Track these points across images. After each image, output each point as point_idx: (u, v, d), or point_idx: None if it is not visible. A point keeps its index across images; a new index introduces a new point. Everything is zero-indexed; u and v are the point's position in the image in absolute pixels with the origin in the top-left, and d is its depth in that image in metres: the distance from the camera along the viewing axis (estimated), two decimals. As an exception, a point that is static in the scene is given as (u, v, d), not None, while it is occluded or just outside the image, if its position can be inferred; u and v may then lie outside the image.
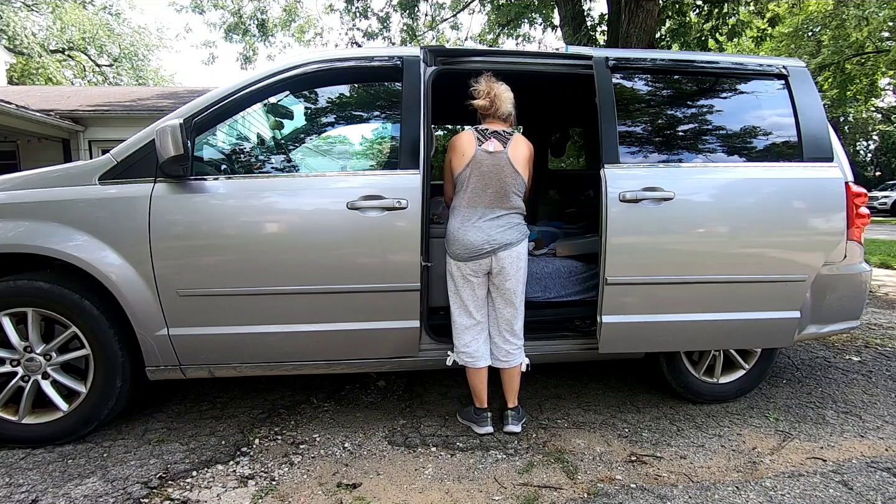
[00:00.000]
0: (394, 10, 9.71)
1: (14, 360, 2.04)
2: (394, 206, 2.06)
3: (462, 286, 2.14)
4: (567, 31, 7.19)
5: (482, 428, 2.22)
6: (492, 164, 2.07)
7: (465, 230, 2.08)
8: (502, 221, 2.10)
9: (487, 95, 2.14)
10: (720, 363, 2.55)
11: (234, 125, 2.44)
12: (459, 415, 2.36)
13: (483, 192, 2.08)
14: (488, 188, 2.08)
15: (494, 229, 2.08)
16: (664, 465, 2.02)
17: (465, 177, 2.09)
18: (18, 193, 2.04)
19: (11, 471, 1.91)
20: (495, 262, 2.09)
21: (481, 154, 2.07)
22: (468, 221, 2.09)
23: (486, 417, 2.23)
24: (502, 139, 2.12)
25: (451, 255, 2.13)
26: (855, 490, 1.86)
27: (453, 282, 2.16)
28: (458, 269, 2.12)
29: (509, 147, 2.11)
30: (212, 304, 2.05)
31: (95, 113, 9.14)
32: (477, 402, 2.25)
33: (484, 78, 2.16)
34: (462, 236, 2.08)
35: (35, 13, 20.21)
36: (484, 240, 2.07)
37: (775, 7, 8.72)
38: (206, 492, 1.80)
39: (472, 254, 2.07)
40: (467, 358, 2.17)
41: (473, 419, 2.26)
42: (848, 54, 15.58)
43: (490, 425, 2.22)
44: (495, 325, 2.19)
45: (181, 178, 2.00)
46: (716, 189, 2.25)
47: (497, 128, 2.15)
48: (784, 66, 2.43)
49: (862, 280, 2.47)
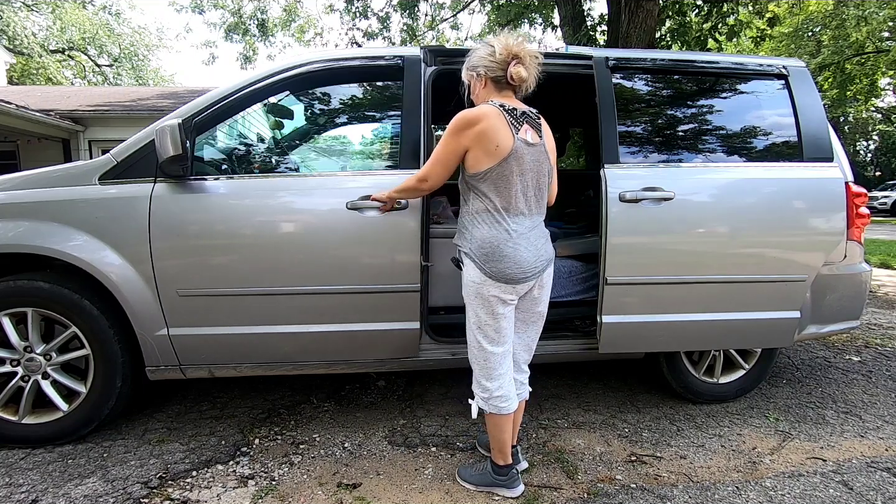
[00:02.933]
0: (394, 10, 9.72)
1: (14, 360, 2.04)
2: (393, 205, 2.06)
3: (501, 312, 1.67)
4: (567, 31, 7.19)
5: (516, 489, 1.78)
6: (532, 159, 1.65)
7: (517, 244, 1.63)
8: (541, 231, 1.74)
9: (518, 59, 1.64)
10: (720, 363, 2.55)
11: (234, 125, 2.45)
12: (471, 481, 1.83)
13: (523, 195, 1.65)
14: (528, 190, 1.66)
15: (541, 241, 1.71)
16: (664, 465, 2.02)
17: (500, 174, 1.61)
18: (18, 193, 2.04)
19: (11, 471, 1.91)
20: (538, 281, 1.71)
21: (521, 146, 1.62)
22: (516, 232, 1.64)
23: (517, 472, 1.81)
24: (535, 124, 1.69)
25: (493, 275, 1.62)
26: (855, 490, 1.86)
27: (487, 308, 1.66)
28: (501, 293, 1.65)
29: (544, 135, 1.72)
30: (212, 305, 2.05)
31: (95, 113, 9.14)
32: (503, 457, 1.77)
33: (503, 38, 1.66)
34: (513, 252, 1.62)
35: (35, 13, 20.22)
36: (536, 255, 1.67)
37: (775, 7, 8.73)
38: (206, 492, 1.80)
39: (527, 274, 1.65)
40: (503, 403, 1.71)
41: (500, 481, 1.78)
42: (848, 54, 15.58)
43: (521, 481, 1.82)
44: (517, 354, 1.85)
45: (181, 177, 2.01)
46: (716, 189, 2.25)
47: (522, 107, 1.70)
48: (784, 66, 2.43)
49: (862, 280, 2.47)
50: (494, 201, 1.63)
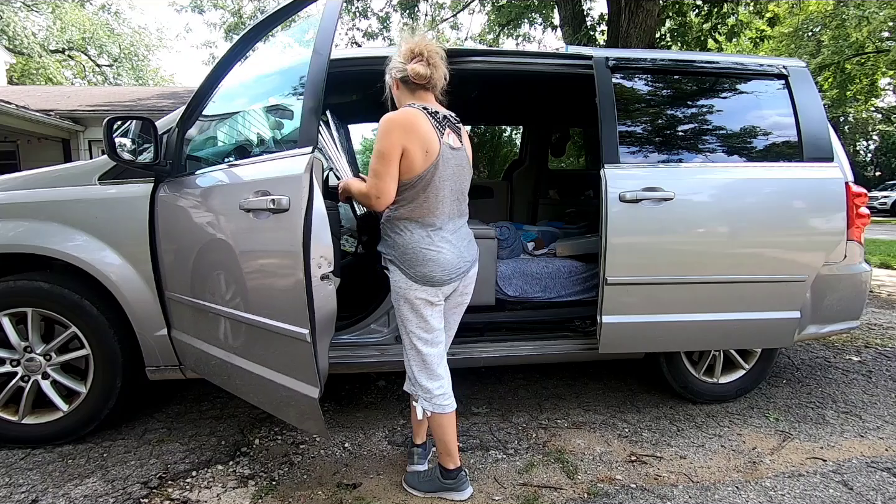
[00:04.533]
0: (394, 10, 9.72)
1: (14, 361, 2.04)
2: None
3: (430, 314, 1.70)
4: (567, 31, 7.20)
5: (464, 492, 1.78)
6: (456, 164, 1.67)
7: (440, 248, 1.65)
8: (464, 233, 1.77)
9: (422, 57, 1.62)
10: (720, 363, 2.55)
11: (234, 125, 2.44)
12: (420, 488, 1.81)
13: (447, 199, 1.66)
14: (453, 194, 1.68)
15: (463, 244, 1.74)
16: (664, 465, 2.02)
17: (428, 180, 1.60)
18: (18, 193, 2.04)
19: (11, 471, 1.91)
20: (461, 284, 1.75)
21: (446, 151, 1.62)
22: (438, 237, 1.66)
23: (465, 475, 1.80)
24: (455, 129, 1.70)
25: (418, 279, 1.65)
26: (855, 490, 1.86)
27: (415, 311, 1.68)
28: (427, 296, 1.67)
29: (464, 139, 1.74)
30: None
31: (95, 113, 9.14)
32: (451, 460, 1.76)
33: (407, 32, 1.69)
34: (436, 256, 1.64)
35: (35, 13, 20.21)
36: (459, 257, 1.69)
37: (775, 7, 8.73)
38: (206, 492, 1.80)
39: (451, 276, 1.67)
40: (445, 401, 1.73)
41: (447, 485, 1.77)
42: (848, 54, 15.58)
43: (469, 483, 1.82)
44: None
45: (181, 177, 2.00)
46: (716, 189, 2.25)
47: (443, 111, 1.70)
48: (784, 66, 2.43)
49: (862, 280, 2.47)
50: (419, 207, 1.63)
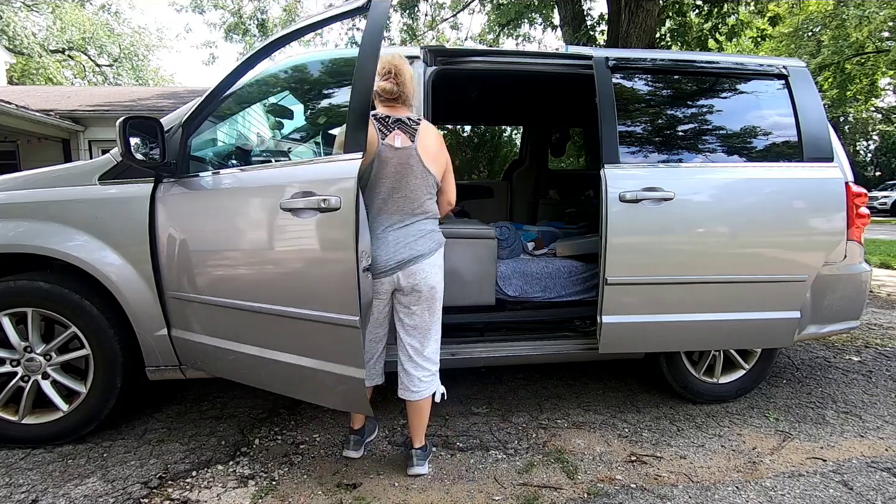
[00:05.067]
0: (394, 10, 9.71)
1: (14, 361, 2.04)
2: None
3: (375, 304, 1.83)
4: (567, 31, 7.20)
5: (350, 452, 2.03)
6: (398, 162, 1.75)
7: (374, 244, 1.76)
8: (405, 233, 1.79)
9: (390, 75, 1.77)
10: (720, 363, 2.54)
11: (234, 125, 2.44)
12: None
13: (389, 197, 1.77)
14: (395, 192, 1.77)
15: (400, 242, 1.78)
16: (664, 465, 2.02)
17: (366, 178, 1.75)
18: (18, 193, 2.04)
19: (11, 471, 1.91)
20: (403, 279, 1.79)
21: (386, 150, 1.74)
22: (373, 231, 1.77)
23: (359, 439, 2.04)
24: (409, 130, 1.79)
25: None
26: (855, 490, 1.86)
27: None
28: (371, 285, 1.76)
29: (418, 139, 1.79)
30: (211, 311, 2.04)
31: (95, 113, 9.13)
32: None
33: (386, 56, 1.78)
34: (373, 250, 1.75)
35: (35, 13, 20.21)
36: (387, 255, 1.76)
37: (775, 7, 8.72)
38: (206, 492, 1.80)
39: (378, 271, 1.76)
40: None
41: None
42: (848, 54, 15.58)
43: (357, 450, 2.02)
44: (403, 350, 1.88)
45: (181, 177, 2.00)
46: (716, 189, 2.25)
47: (400, 115, 1.81)
48: (784, 66, 2.43)
49: (862, 280, 2.47)
50: (368, 204, 1.77)
